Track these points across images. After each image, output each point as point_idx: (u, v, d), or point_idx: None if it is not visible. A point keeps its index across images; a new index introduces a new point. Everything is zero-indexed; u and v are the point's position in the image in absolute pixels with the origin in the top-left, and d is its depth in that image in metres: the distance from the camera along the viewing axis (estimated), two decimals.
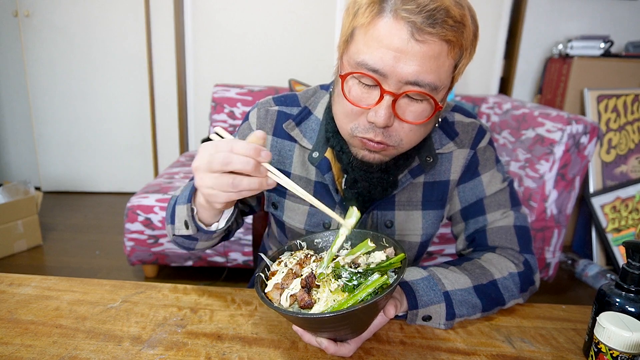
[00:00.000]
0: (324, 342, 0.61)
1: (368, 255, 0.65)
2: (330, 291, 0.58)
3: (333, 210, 0.83)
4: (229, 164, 0.57)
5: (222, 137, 0.64)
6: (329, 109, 0.80)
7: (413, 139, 0.70)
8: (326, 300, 0.57)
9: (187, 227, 0.73)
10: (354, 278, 0.58)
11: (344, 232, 0.63)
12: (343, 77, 0.67)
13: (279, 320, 0.73)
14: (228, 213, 0.73)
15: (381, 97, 0.64)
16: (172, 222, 0.77)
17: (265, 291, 0.61)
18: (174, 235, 0.79)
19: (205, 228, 0.73)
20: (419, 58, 0.61)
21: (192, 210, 0.72)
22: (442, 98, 0.67)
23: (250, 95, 2.66)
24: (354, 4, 0.65)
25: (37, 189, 3.24)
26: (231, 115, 2.68)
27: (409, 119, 0.66)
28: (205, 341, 0.67)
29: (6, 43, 3.14)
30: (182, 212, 0.73)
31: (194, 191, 0.71)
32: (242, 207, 0.90)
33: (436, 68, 0.62)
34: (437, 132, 0.83)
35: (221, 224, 0.73)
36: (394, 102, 0.64)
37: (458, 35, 0.62)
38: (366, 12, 0.62)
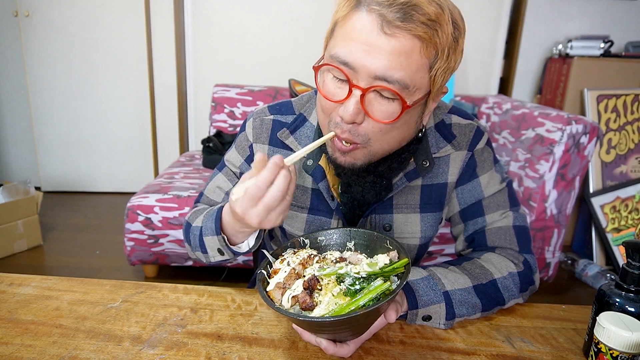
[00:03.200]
0: (323, 342, 0.61)
1: (371, 258, 0.65)
2: (333, 295, 0.58)
3: (330, 217, 0.84)
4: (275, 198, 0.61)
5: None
6: None
7: (384, 141, 0.68)
8: (328, 304, 0.57)
9: (221, 253, 0.77)
10: (357, 282, 0.58)
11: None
12: (316, 69, 0.68)
13: (279, 320, 0.73)
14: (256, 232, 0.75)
15: (350, 92, 0.64)
16: (204, 251, 0.80)
17: (267, 290, 0.61)
18: (209, 262, 0.83)
19: (239, 251, 0.76)
20: (387, 53, 0.60)
21: (224, 239, 0.74)
22: (415, 100, 0.65)
23: (250, 95, 2.66)
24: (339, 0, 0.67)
25: (37, 189, 3.23)
26: (231, 115, 2.68)
27: (377, 117, 0.65)
28: (205, 341, 0.67)
29: (6, 43, 3.14)
30: (213, 242, 0.76)
31: (219, 223, 0.74)
32: None
33: (407, 65, 0.61)
34: (434, 135, 0.82)
35: (251, 242, 0.75)
36: (362, 97, 0.63)
37: (431, 33, 0.60)
38: (344, 6, 0.64)
